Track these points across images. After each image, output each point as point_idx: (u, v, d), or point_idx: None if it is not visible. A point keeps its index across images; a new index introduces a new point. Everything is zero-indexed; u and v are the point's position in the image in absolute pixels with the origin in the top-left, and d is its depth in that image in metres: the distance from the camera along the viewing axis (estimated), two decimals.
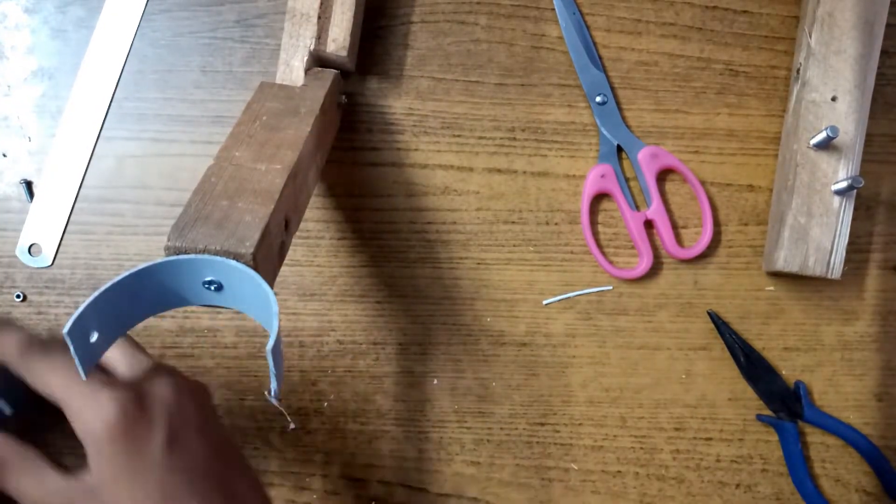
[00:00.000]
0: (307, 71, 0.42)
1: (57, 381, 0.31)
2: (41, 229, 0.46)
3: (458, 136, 0.48)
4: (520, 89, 0.48)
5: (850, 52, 0.45)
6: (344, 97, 0.46)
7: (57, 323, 0.47)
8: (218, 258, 0.30)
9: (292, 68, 0.42)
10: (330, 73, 0.43)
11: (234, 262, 0.30)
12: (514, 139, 0.48)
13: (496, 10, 0.48)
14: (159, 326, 0.47)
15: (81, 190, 0.47)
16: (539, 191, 0.48)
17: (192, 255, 0.30)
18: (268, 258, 0.32)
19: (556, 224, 0.48)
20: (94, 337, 0.29)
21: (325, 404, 0.47)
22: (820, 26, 0.45)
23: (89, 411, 0.30)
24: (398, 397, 0.47)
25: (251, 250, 0.30)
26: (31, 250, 0.46)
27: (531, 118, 0.48)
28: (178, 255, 0.30)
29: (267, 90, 0.41)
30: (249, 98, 0.40)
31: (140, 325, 0.46)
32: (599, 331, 0.48)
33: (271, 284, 0.32)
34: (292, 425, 0.47)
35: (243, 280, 0.30)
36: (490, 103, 0.48)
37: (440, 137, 0.48)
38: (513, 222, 0.48)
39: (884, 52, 0.46)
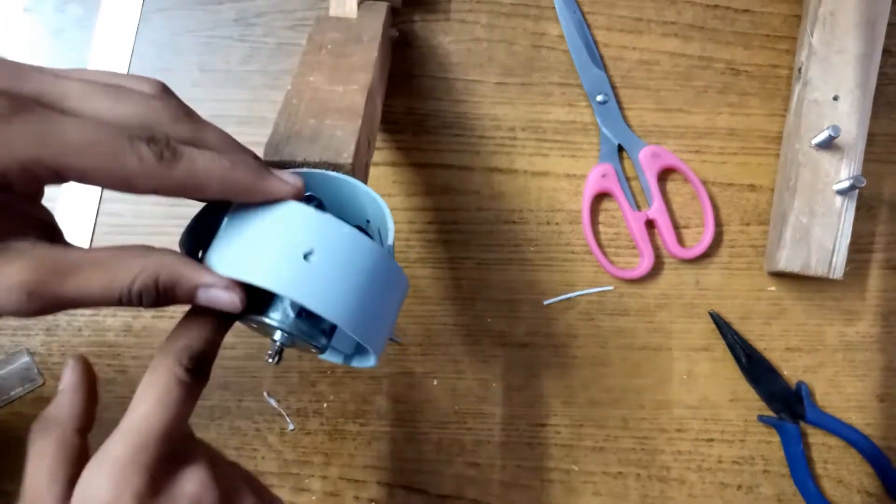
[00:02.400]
0: (360, 4, 0.43)
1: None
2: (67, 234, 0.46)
3: (459, 135, 0.48)
4: (520, 88, 0.48)
5: (852, 52, 0.45)
6: (395, 31, 0.46)
7: (55, 323, 0.46)
8: (319, 171, 0.30)
9: (345, 2, 0.43)
10: (382, 5, 0.44)
11: (336, 174, 0.30)
12: (515, 138, 0.48)
13: (496, 9, 0.48)
14: (158, 327, 0.47)
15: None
16: (540, 190, 0.48)
17: (294, 170, 0.29)
18: (361, 174, 0.33)
19: (556, 224, 0.48)
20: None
21: (325, 405, 0.47)
22: (822, 25, 0.45)
23: None
24: (398, 398, 0.47)
25: (350, 160, 0.30)
26: None
27: (532, 117, 0.48)
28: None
29: (325, 23, 0.41)
30: (249, 96, 0.40)
31: (139, 325, 0.47)
32: (600, 331, 0.47)
33: None
34: (291, 426, 0.47)
35: (341, 191, 0.30)
36: (490, 102, 0.48)
37: (440, 137, 0.48)
38: (513, 222, 0.48)
39: (886, 52, 0.46)
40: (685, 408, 0.47)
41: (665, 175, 0.48)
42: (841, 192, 0.44)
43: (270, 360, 0.28)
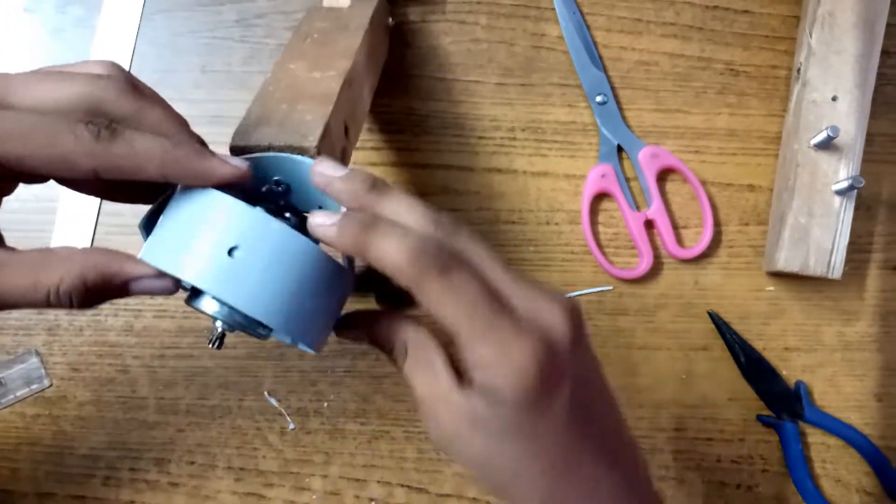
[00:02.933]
0: None
1: (457, 312, 0.24)
2: (70, 235, 0.46)
3: (458, 135, 0.48)
4: (520, 89, 0.48)
5: (851, 52, 0.45)
6: (391, 20, 0.46)
7: (56, 323, 0.47)
8: (283, 155, 0.30)
9: None
10: None
11: (300, 157, 0.30)
12: (515, 139, 0.48)
13: (496, 10, 0.48)
14: (159, 327, 0.47)
15: None
16: (539, 191, 0.48)
17: (258, 154, 0.30)
18: (331, 158, 0.33)
19: (556, 224, 0.48)
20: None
21: (325, 404, 0.47)
22: (820, 26, 0.45)
23: (499, 364, 0.24)
24: (398, 397, 0.47)
25: (314, 143, 0.30)
26: None
27: (531, 118, 0.48)
28: (242, 155, 0.30)
29: (315, 14, 0.41)
30: (250, 97, 0.40)
31: (140, 325, 0.47)
32: (600, 331, 0.47)
33: None
34: (292, 425, 0.47)
35: (308, 176, 0.30)
36: (490, 103, 0.48)
37: (440, 137, 0.48)
38: (513, 222, 0.48)
39: (884, 52, 0.46)
40: (684, 407, 0.47)
41: (664, 175, 0.48)
42: (839, 193, 0.45)
43: (211, 346, 0.28)
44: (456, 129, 0.48)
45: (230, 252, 0.25)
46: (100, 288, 0.25)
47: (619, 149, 0.48)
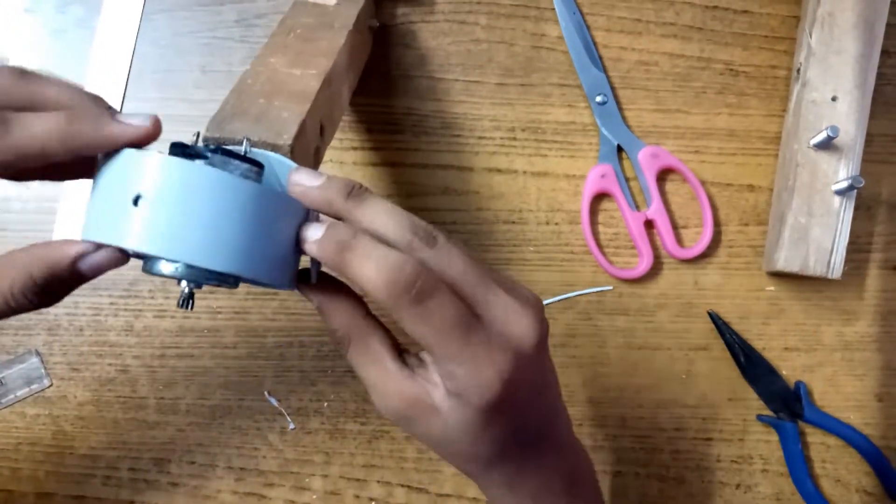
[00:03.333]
0: None
1: (430, 335, 0.26)
2: (70, 234, 0.46)
3: (458, 136, 0.48)
4: (520, 89, 0.48)
5: (851, 52, 0.45)
6: (376, 21, 0.46)
7: (56, 323, 0.47)
8: (258, 150, 0.30)
9: None
10: None
11: (274, 154, 0.30)
12: (515, 139, 0.48)
13: (496, 10, 0.48)
14: (159, 327, 0.47)
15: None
16: (539, 191, 0.48)
17: (231, 147, 0.29)
18: (304, 157, 0.33)
19: (556, 224, 0.48)
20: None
21: (325, 404, 0.47)
22: (820, 26, 0.45)
23: (468, 380, 0.26)
24: None
25: (289, 142, 0.30)
26: None
27: (531, 118, 0.48)
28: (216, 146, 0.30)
29: (301, 8, 0.41)
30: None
31: (140, 325, 0.47)
32: (599, 331, 0.47)
33: None
34: (292, 425, 0.47)
35: (281, 173, 0.30)
36: (490, 103, 0.48)
37: (440, 137, 0.48)
38: (513, 222, 0.48)
39: (884, 52, 0.46)
40: (684, 407, 0.47)
41: (664, 175, 0.48)
42: (839, 193, 0.45)
43: (181, 307, 0.27)
44: (456, 129, 0.48)
45: (135, 202, 0.24)
46: (50, 279, 0.25)
47: (619, 149, 0.48)
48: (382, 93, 0.48)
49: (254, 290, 0.47)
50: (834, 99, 0.45)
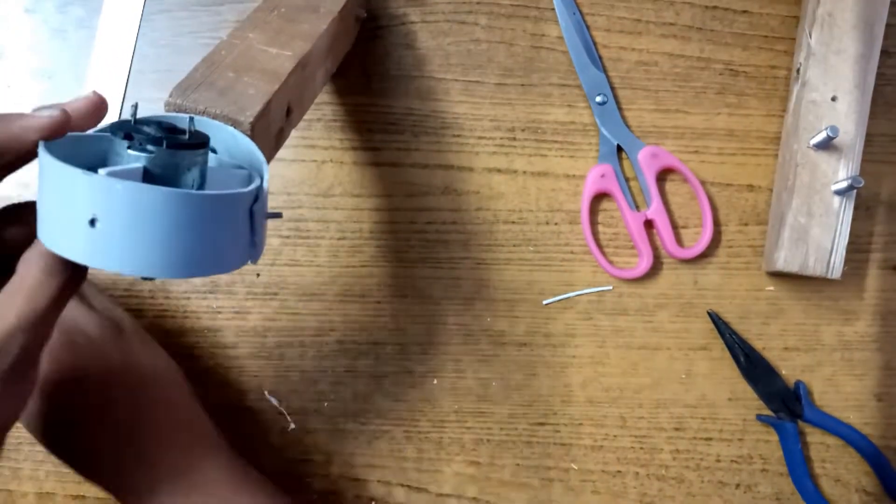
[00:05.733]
0: None
1: None
2: None
3: (458, 136, 0.48)
4: (520, 89, 0.48)
5: (851, 52, 0.45)
6: (364, 11, 0.46)
7: None
8: (217, 122, 0.30)
9: None
10: None
11: (232, 129, 0.30)
12: (514, 139, 0.48)
13: (496, 10, 0.48)
14: (160, 326, 0.47)
15: None
16: (539, 191, 0.48)
17: (192, 115, 0.30)
18: (265, 136, 0.32)
19: (556, 224, 0.48)
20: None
21: (325, 404, 0.47)
22: (820, 26, 0.45)
23: None
24: (398, 397, 0.47)
25: (251, 119, 0.30)
26: None
27: (531, 118, 0.48)
28: (177, 112, 0.30)
29: None
30: None
31: (141, 325, 0.47)
32: (599, 331, 0.48)
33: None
34: (292, 425, 0.47)
35: (238, 148, 0.30)
36: (490, 103, 0.48)
37: (440, 137, 0.48)
38: (513, 222, 0.48)
39: (884, 52, 0.46)
40: (683, 407, 0.47)
41: (664, 175, 0.48)
42: (839, 193, 0.45)
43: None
44: (456, 129, 0.48)
45: (92, 223, 0.24)
46: (15, 287, 0.26)
47: (619, 149, 0.48)
48: (382, 93, 0.48)
49: (254, 289, 0.47)
50: (834, 99, 0.45)
